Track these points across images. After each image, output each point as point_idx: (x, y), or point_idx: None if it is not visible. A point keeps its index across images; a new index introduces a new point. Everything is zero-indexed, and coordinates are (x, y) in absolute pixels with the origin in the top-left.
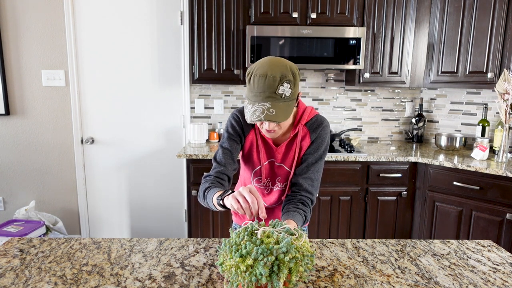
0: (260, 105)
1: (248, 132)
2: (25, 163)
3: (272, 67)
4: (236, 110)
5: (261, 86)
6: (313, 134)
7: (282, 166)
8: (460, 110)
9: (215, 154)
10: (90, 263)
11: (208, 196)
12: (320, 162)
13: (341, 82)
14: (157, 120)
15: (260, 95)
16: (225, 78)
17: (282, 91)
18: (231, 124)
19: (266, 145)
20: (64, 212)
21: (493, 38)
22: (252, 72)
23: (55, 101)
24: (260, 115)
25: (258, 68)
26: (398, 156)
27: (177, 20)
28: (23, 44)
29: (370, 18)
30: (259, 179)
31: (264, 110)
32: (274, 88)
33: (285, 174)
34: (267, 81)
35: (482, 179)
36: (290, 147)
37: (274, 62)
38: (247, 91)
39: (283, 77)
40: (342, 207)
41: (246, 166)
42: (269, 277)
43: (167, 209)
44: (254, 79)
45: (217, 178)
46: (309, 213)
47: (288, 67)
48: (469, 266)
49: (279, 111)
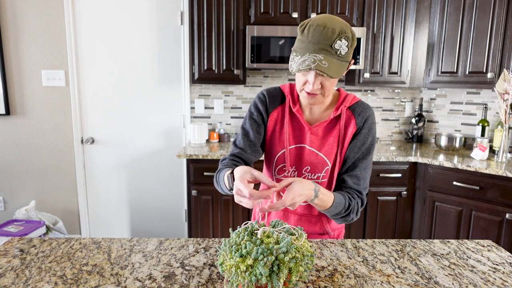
0: (312, 55)
1: (273, 109)
2: (25, 163)
3: (331, 20)
4: (263, 89)
5: (317, 37)
6: (359, 118)
7: (316, 153)
8: (460, 110)
9: (235, 138)
10: (90, 263)
11: (220, 179)
12: (368, 158)
13: (341, 82)
14: (157, 120)
15: (314, 46)
16: (225, 78)
17: (339, 46)
18: (254, 103)
19: (295, 124)
20: (64, 212)
21: (493, 38)
22: (308, 23)
23: (55, 101)
24: (310, 64)
25: (315, 19)
26: (398, 156)
27: (177, 20)
28: (23, 44)
29: (370, 18)
30: (282, 168)
31: (316, 60)
32: (331, 41)
33: (320, 165)
34: (324, 32)
35: (482, 179)
36: (330, 132)
37: (334, 17)
38: (297, 42)
39: (342, 32)
40: None
41: (268, 153)
42: (269, 277)
43: (167, 209)
44: (309, 29)
45: (232, 161)
46: (355, 208)
47: (348, 25)
48: (469, 266)
49: (332, 66)
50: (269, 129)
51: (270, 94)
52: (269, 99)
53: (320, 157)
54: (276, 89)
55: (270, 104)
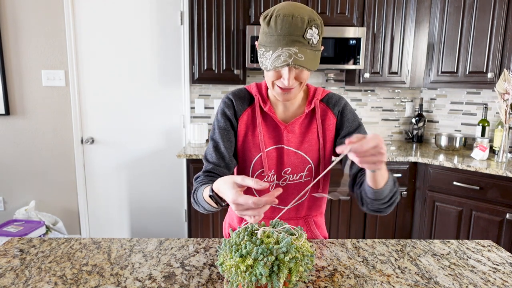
0: (285, 49)
1: (242, 112)
2: (25, 163)
3: (297, 8)
4: (228, 92)
5: (286, 28)
6: (335, 109)
7: (296, 152)
8: (460, 110)
9: (205, 151)
10: (90, 263)
11: (199, 199)
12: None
13: (341, 82)
14: (157, 120)
15: (285, 39)
16: (225, 78)
17: (310, 36)
18: (220, 109)
19: (269, 124)
20: (64, 212)
21: (493, 38)
22: (272, 13)
23: (55, 101)
24: (287, 60)
25: (279, 9)
26: (398, 156)
27: (177, 20)
28: (23, 44)
29: (370, 18)
30: (261, 173)
31: (292, 55)
32: (302, 30)
33: (301, 164)
34: (294, 22)
35: (482, 179)
36: (308, 128)
37: (298, 4)
38: (263, 36)
39: (310, 19)
40: (342, 207)
41: (243, 160)
42: (269, 277)
43: (167, 209)
44: (276, 20)
45: (208, 177)
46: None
47: (314, 12)
48: (469, 266)
49: (307, 58)
50: (241, 134)
51: (236, 96)
52: (236, 102)
53: (300, 155)
54: (242, 90)
55: (238, 107)
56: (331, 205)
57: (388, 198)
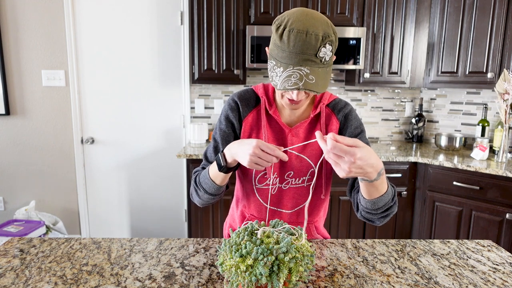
0: (296, 69)
1: (247, 114)
2: (25, 163)
3: (312, 22)
4: (234, 93)
5: (300, 46)
6: (340, 114)
7: (300, 156)
8: (460, 110)
9: (206, 148)
10: (90, 263)
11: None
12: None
13: (341, 82)
14: (157, 120)
15: (297, 57)
16: (225, 78)
17: (323, 54)
18: (224, 112)
19: (274, 126)
20: (64, 212)
21: (493, 38)
22: (285, 25)
23: (55, 101)
24: (298, 83)
25: (293, 21)
26: (398, 156)
27: (177, 20)
28: (23, 44)
29: (370, 18)
30: (264, 176)
31: (303, 76)
32: (316, 49)
33: (304, 168)
34: (308, 39)
35: (482, 179)
36: (312, 132)
37: (313, 15)
38: (274, 48)
39: (325, 36)
40: (342, 207)
41: None
42: (269, 277)
43: (167, 209)
44: (289, 35)
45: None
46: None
47: (329, 23)
48: (469, 266)
49: (319, 79)
50: (245, 135)
51: (242, 97)
52: (241, 104)
53: (303, 159)
54: (249, 91)
55: (243, 109)
56: (332, 205)
57: (381, 211)
